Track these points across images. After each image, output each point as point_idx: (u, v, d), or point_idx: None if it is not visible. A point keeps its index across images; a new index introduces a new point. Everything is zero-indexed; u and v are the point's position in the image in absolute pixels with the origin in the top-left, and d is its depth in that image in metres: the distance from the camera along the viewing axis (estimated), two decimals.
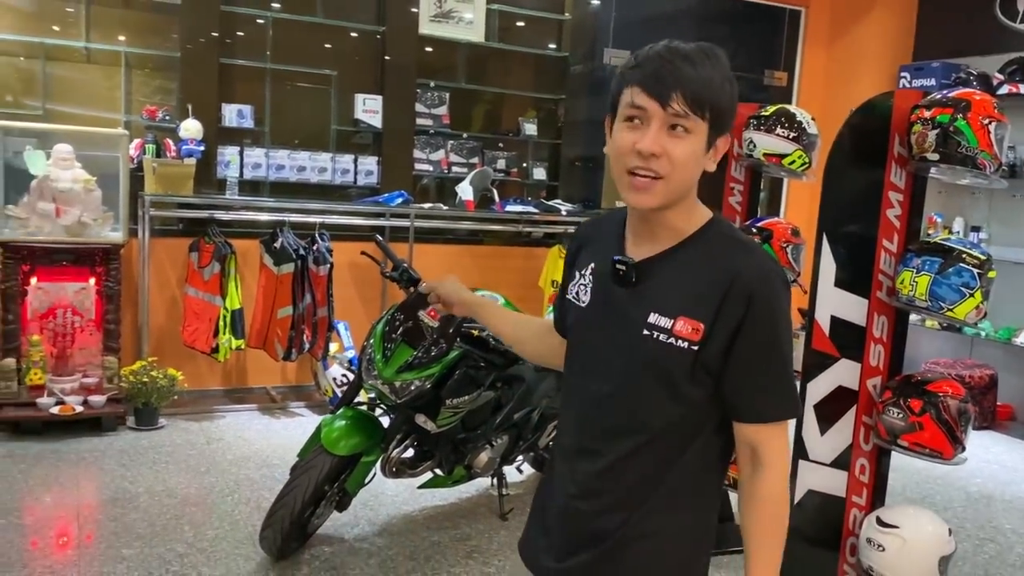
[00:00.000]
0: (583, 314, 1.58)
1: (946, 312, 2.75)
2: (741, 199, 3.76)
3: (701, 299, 1.43)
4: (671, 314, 1.44)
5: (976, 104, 2.74)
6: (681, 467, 1.50)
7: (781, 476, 1.49)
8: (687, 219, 1.49)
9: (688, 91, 1.38)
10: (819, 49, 7.40)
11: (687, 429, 1.49)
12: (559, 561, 1.57)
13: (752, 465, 1.49)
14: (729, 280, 1.41)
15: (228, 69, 5.72)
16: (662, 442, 1.49)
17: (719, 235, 1.49)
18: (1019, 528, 4.33)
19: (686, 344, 1.43)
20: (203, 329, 5.15)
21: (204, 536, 3.59)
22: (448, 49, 6.37)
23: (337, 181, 5.89)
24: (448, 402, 3.38)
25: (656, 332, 1.45)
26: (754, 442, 1.48)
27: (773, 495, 1.49)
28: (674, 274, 1.47)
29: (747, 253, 1.46)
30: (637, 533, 1.50)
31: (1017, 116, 6.22)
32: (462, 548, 3.65)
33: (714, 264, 1.45)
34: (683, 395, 1.46)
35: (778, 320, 1.45)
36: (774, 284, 1.44)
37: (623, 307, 1.50)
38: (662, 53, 1.41)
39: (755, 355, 1.44)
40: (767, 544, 1.50)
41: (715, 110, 1.41)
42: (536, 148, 6.80)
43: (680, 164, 1.40)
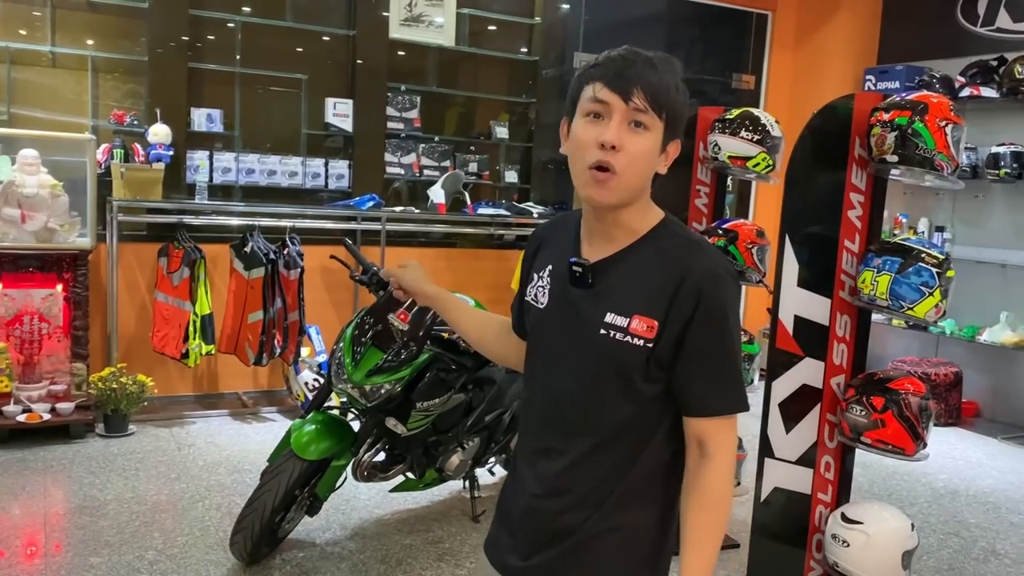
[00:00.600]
0: (542, 315, 1.61)
1: (906, 311, 2.80)
2: (707, 201, 3.81)
3: (654, 297, 1.47)
4: (627, 313, 1.48)
5: (933, 107, 2.79)
6: (641, 465, 1.53)
7: (725, 470, 1.51)
8: (641, 219, 1.53)
9: (648, 89, 1.44)
10: (786, 52, 7.49)
11: (644, 427, 1.53)
12: (524, 559, 1.60)
13: (698, 457, 1.52)
14: (680, 278, 1.46)
15: (197, 73, 5.69)
16: (621, 440, 1.52)
17: (670, 234, 1.54)
18: (983, 522, 4.41)
19: (641, 342, 1.47)
20: (173, 335, 5.11)
21: (174, 543, 3.57)
22: (419, 53, 6.38)
23: (308, 185, 5.88)
24: (419, 405, 3.38)
25: (613, 331, 1.49)
26: (701, 435, 1.51)
27: (715, 487, 1.51)
28: (628, 274, 1.51)
29: (697, 251, 1.50)
30: (599, 530, 1.53)
31: (979, 118, 6.38)
32: (434, 551, 3.66)
33: (665, 263, 1.49)
34: (639, 392, 1.50)
35: (726, 316, 1.48)
36: (722, 281, 1.49)
37: (580, 308, 1.53)
38: (624, 54, 1.47)
39: (703, 350, 1.47)
40: (704, 534, 1.52)
41: (670, 112, 1.47)
42: (508, 151, 6.83)
43: (636, 159, 1.45)
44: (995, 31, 6.48)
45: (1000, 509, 4.61)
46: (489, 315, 1.96)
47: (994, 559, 3.97)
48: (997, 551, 4.06)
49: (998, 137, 6.18)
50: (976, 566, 3.89)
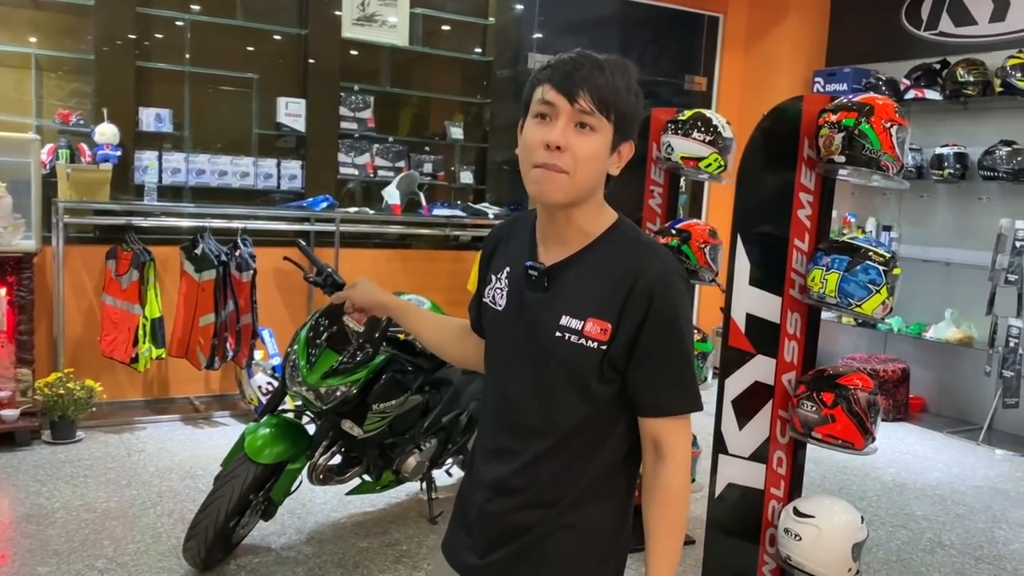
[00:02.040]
0: (499, 317, 1.62)
1: (854, 308, 2.86)
2: (661, 201, 3.84)
3: (607, 300, 1.49)
4: (581, 315, 1.50)
5: (879, 109, 2.85)
6: (596, 464, 1.55)
7: (682, 468, 1.54)
8: (594, 220, 1.54)
9: (595, 92, 1.45)
10: (737, 54, 7.60)
11: (598, 428, 1.54)
12: (480, 557, 1.61)
13: (654, 458, 1.54)
14: (632, 280, 1.48)
15: (145, 72, 5.59)
16: (575, 441, 1.54)
17: (623, 237, 1.55)
18: (930, 514, 4.52)
19: (595, 344, 1.49)
20: (122, 339, 5.01)
21: (125, 550, 3.50)
22: (372, 52, 6.34)
23: (260, 186, 5.81)
24: (375, 407, 3.36)
25: (568, 334, 1.50)
26: (656, 435, 1.53)
27: (673, 486, 1.53)
28: (583, 276, 1.52)
29: (648, 253, 1.52)
30: (554, 527, 1.55)
31: (923, 120, 6.54)
32: (391, 553, 3.64)
33: (618, 265, 1.50)
34: (593, 394, 1.51)
35: (677, 317, 1.50)
36: (673, 283, 1.51)
37: (536, 310, 1.55)
38: (574, 57, 1.48)
39: (656, 351, 1.49)
40: (665, 533, 1.54)
41: (619, 114, 1.48)
42: (463, 152, 6.82)
43: (584, 160, 1.46)
44: (938, 35, 6.65)
45: (946, 501, 4.73)
46: (447, 319, 1.96)
47: (940, 550, 4.08)
48: (943, 542, 4.17)
49: (942, 138, 6.35)
50: (923, 557, 3.99)
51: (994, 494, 4.89)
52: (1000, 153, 5.92)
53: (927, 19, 6.72)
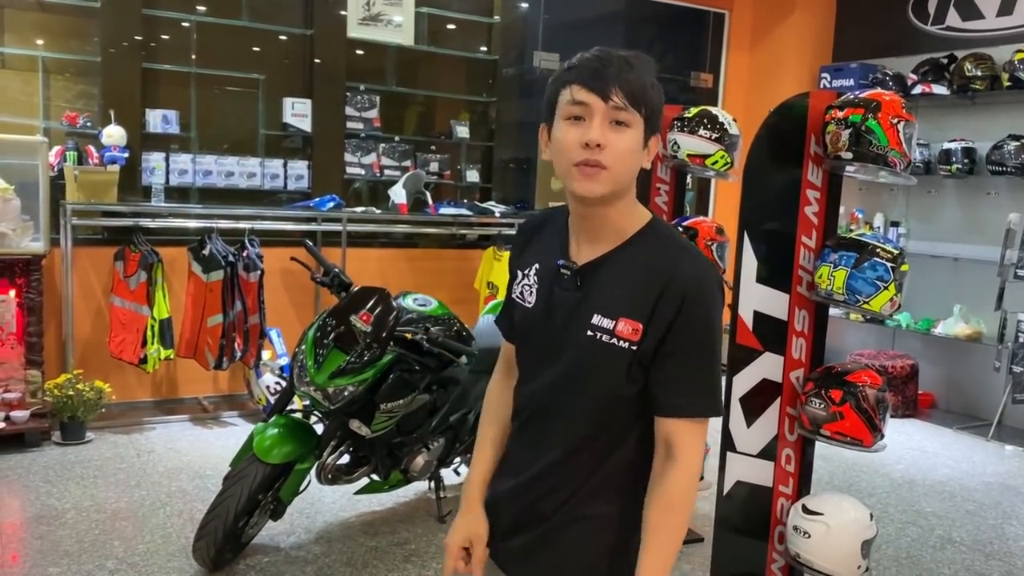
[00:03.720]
0: (529, 314, 1.63)
1: (862, 305, 2.85)
2: (667, 199, 3.84)
3: (639, 300, 1.49)
4: (613, 315, 1.51)
5: (886, 104, 2.84)
6: (616, 459, 1.57)
7: (689, 473, 1.52)
8: (628, 218, 1.55)
9: (626, 88, 1.45)
10: (742, 51, 7.58)
11: (621, 425, 1.56)
12: (503, 541, 1.68)
13: (664, 458, 1.53)
14: (664, 282, 1.48)
15: (151, 74, 5.60)
16: (598, 436, 1.56)
17: (657, 236, 1.55)
18: (939, 511, 4.50)
19: (626, 344, 1.50)
20: (130, 339, 5.03)
21: (135, 551, 3.52)
22: (378, 52, 6.35)
23: (267, 186, 5.82)
24: (382, 406, 3.37)
25: (599, 333, 1.51)
26: (669, 435, 1.52)
27: (677, 489, 1.52)
28: (615, 276, 1.53)
29: (684, 256, 1.52)
30: (571, 517, 1.59)
31: (930, 115, 6.51)
32: (400, 552, 3.64)
33: (651, 266, 1.50)
34: (620, 392, 1.53)
35: (707, 322, 1.50)
36: (706, 287, 1.50)
37: (568, 309, 1.56)
38: (598, 54, 1.49)
39: (681, 353, 1.50)
40: (662, 534, 1.52)
41: (649, 108, 1.49)
42: (469, 150, 6.82)
43: (622, 155, 1.46)
44: (945, 29, 6.62)
45: (956, 498, 4.71)
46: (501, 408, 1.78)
47: (950, 546, 4.06)
48: (953, 538, 4.16)
49: (949, 133, 6.32)
50: (933, 554, 3.97)
51: (1004, 490, 4.87)
52: (1008, 147, 5.89)
53: (934, 13, 6.69)
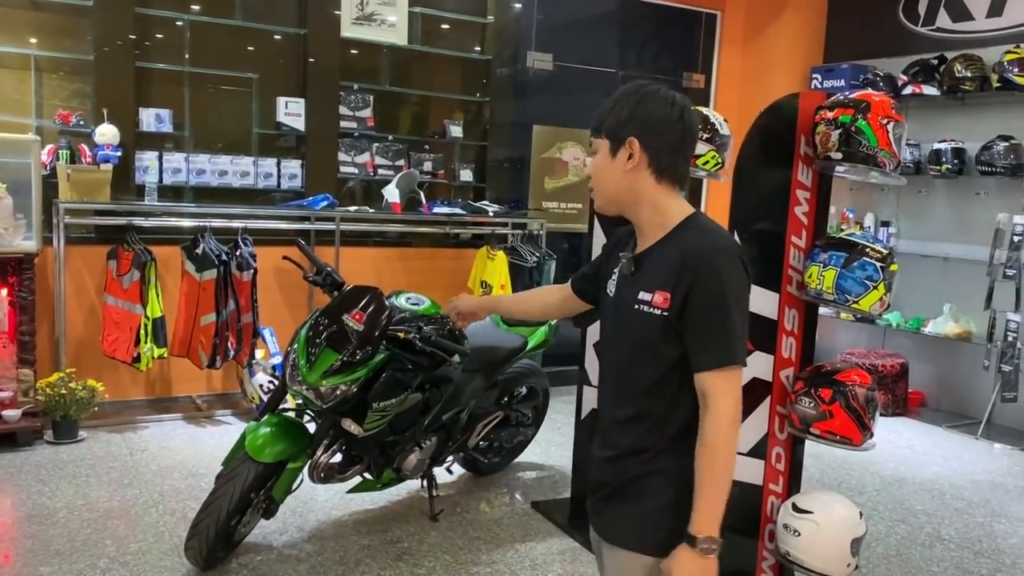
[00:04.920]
0: (608, 302, 1.98)
1: (852, 304, 2.87)
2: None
3: (668, 275, 1.80)
4: (651, 289, 1.82)
5: (875, 105, 2.86)
6: (676, 419, 1.82)
7: (725, 419, 1.75)
8: (662, 216, 1.87)
9: (591, 127, 1.92)
10: (735, 51, 7.61)
11: (672, 386, 1.82)
12: (592, 498, 1.98)
13: (703, 410, 1.77)
14: (684, 257, 1.78)
15: (145, 72, 5.60)
16: (656, 399, 1.83)
17: (692, 227, 1.85)
18: (929, 509, 4.53)
19: (659, 312, 1.80)
20: (123, 338, 5.03)
21: (127, 550, 3.52)
22: (371, 51, 6.35)
23: (260, 185, 5.82)
24: (375, 405, 3.38)
25: (642, 305, 1.83)
26: (703, 388, 1.77)
27: (713, 434, 1.75)
28: (656, 260, 1.85)
29: (704, 236, 1.82)
30: (641, 472, 1.85)
31: (921, 115, 6.55)
32: (393, 551, 3.66)
33: (678, 247, 1.81)
34: (664, 355, 1.81)
35: (718, 286, 1.75)
36: (714, 257, 1.77)
37: (627, 291, 1.89)
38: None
39: (700, 314, 1.76)
40: (705, 480, 1.75)
41: (606, 128, 1.87)
42: (462, 150, 6.83)
43: (594, 175, 1.92)
44: (935, 30, 6.65)
45: (945, 496, 4.74)
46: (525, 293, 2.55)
47: (939, 544, 4.09)
48: (942, 536, 4.19)
49: (939, 134, 6.36)
50: (922, 551, 4.00)
51: (993, 488, 4.91)
52: (998, 148, 5.93)
53: (924, 15, 6.73)
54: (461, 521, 4.00)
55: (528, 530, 3.96)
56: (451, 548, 3.71)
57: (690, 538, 1.74)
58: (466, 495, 4.34)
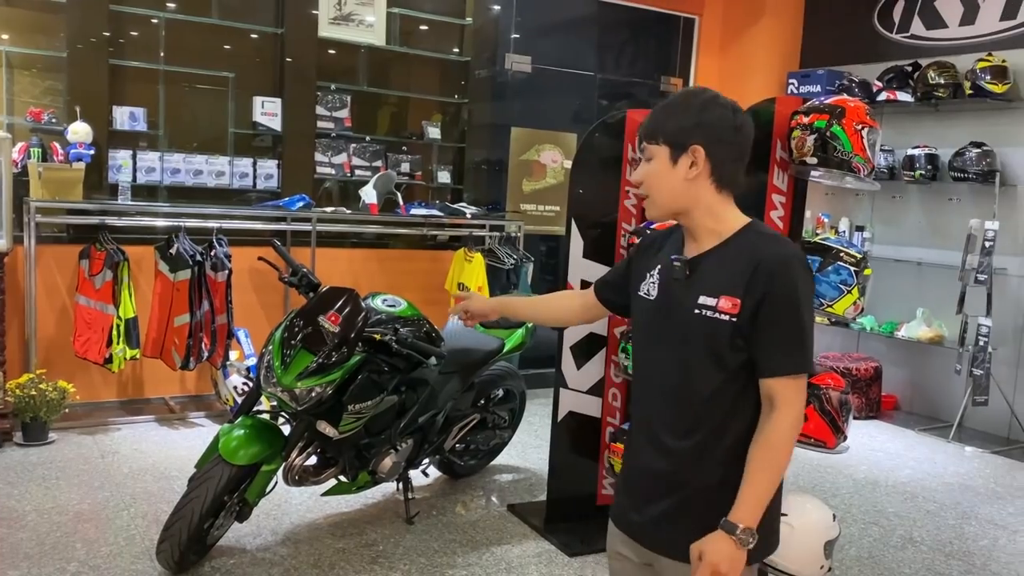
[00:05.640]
0: (651, 305, 1.93)
1: (826, 308, 2.90)
2: (636, 202, 3.86)
3: (735, 280, 1.78)
4: (715, 294, 1.79)
5: (850, 111, 2.90)
6: (736, 430, 1.80)
7: (789, 420, 1.76)
8: (720, 222, 1.85)
9: (644, 132, 1.87)
10: (712, 56, 7.65)
11: (733, 393, 1.80)
12: (640, 513, 1.90)
13: (768, 411, 1.78)
14: (755, 263, 1.77)
15: (119, 70, 5.54)
16: (716, 406, 1.80)
17: (752, 233, 1.85)
18: (901, 511, 4.58)
19: (727, 317, 1.77)
20: (95, 339, 4.97)
21: (97, 553, 3.48)
22: (349, 52, 6.33)
23: (236, 185, 5.78)
24: (350, 408, 3.36)
25: (704, 310, 1.80)
26: (771, 392, 1.77)
27: (777, 431, 1.75)
28: (716, 265, 1.83)
29: (772, 243, 1.82)
30: (707, 483, 1.81)
31: (895, 121, 6.62)
32: (368, 554, 3.64)
33: (745, 253, 1.80)
34: (726, 361, 1.79)
35: (793, 293, 1.76)
36: (790, 265, 1.78)
37: (679, 294, 1.85)
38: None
39: (773, 321, 1.75)
40: (758, 470, 1.75)
41: (665, 136, 1.83)
42: (440, 151, 6.82)
43: (650, 182, 1.87)
44: (910, 37, 6.73)
45: (917, 498, 4.79)
46: (540, 297, 2.45)
47: (911, 546, 4.13)
48: (914, 538, 4.23)
49: (913, 140, 6.43)
50: (894, 553, 4.04)
51: (964, 491, 4.97)
52: (970, 154, 6.01)
53: (899, 22, 6.81)
54: (437, 524, 3.99)
55: (504, 533, 3.95)
56: (426, 551, 3.70)
57: (730, 525, 1.73)
58: (442, 498, 4.33)
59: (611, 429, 3.92)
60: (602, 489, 4.06)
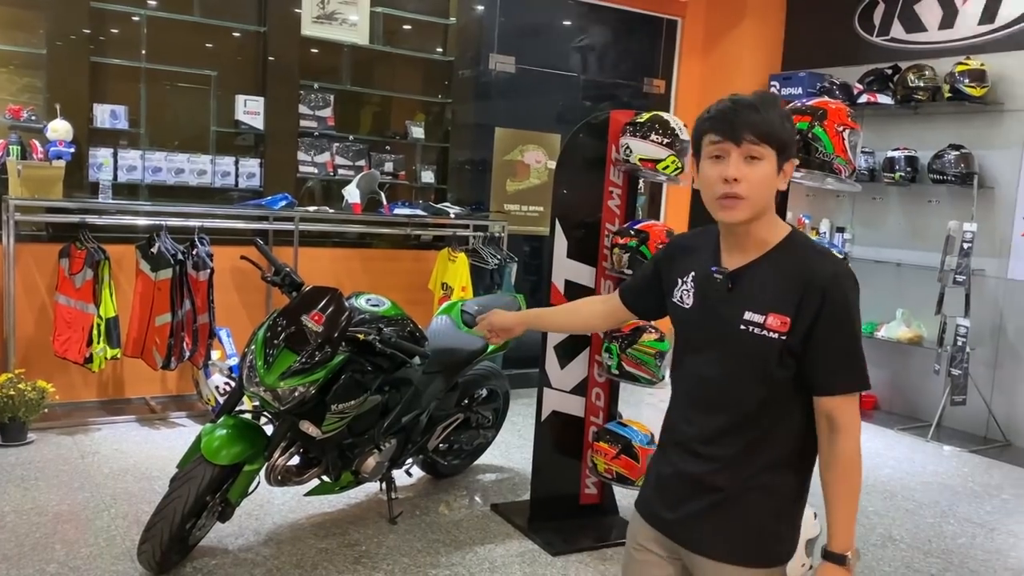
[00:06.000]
0: (687, 314, 1.92)
1: None
2: (619, 202, 3.88)
3: (785, 297, 1.76)
4: (763, 311, 1.78)
5: (832, 112, 2.92)
6: (779, 437, 1.81)
7: (854, 438, 1.78)
8: (770, 231, 1.83)
9: (754, 130, 1.76)
10: (695, 58, 7.69)
11: (777, 406, 1.80)
12: (672, 511, 1.90)
13: (828, 431, 1.78)
14: (807, 280, 1.75)
15: (100, 68, 5.50)
16: (760, 416, 1.80)
17: (797, 245, 1.83)
18: (880, 510, 4.62)
19: (776, 335, 1.76)
20: (75, 338, 4.93)
21: (77, 554, 3.45)
22: (332, 51, 6.31)
23: (217, 184, 5.75)
24: (334, 407, 3.35)
25: (751, 327, 1.78)
26: (831, 411, 1.77)
27: (847, 454, 1.77)
28: (763, 278, 1.81)
29: (820, 258, 1.80)
30: (747, 488, 1.82)
31: (875, 123, 6.68)
32: (351, 554, 3.63)
33: (794, 268, 1.78)
34: (771, 377, 1.78)
35: (847, 309, 1.76)
36: (843, 282, 1.77)
37: (721, 307, 1.83)
38: (730, 104, 1.80)
39: (829, 340, 1.75)
40: (844, 497, 1.78)
41: (778, 142, 1.78)
42: (424, 151, 6.81)
43: (757, 185, 1.77)
44: (890, 41, 6.79)
45: (896, 497, 4.84)
46: (570, 305, 2.42)
47: (891, 544, 4.17)
48: (893, 536, 4.27)
49: (893, 142, 6.49)
50: (874, 551, 4.08)
51: (943, 489, 5.02)
52: (949, 157, 6.07)
53: (879, 25, 6.87)
54: (420, 524, 3.99)
55: (487, 532, 3.96)
56: (410, 551, 3.69)
57: (838, 557, 1.78)
58: (425, 497, 4.32)
59: (594, 428, 3.93)
60: (585, 488, 4.07)
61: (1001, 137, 6.05)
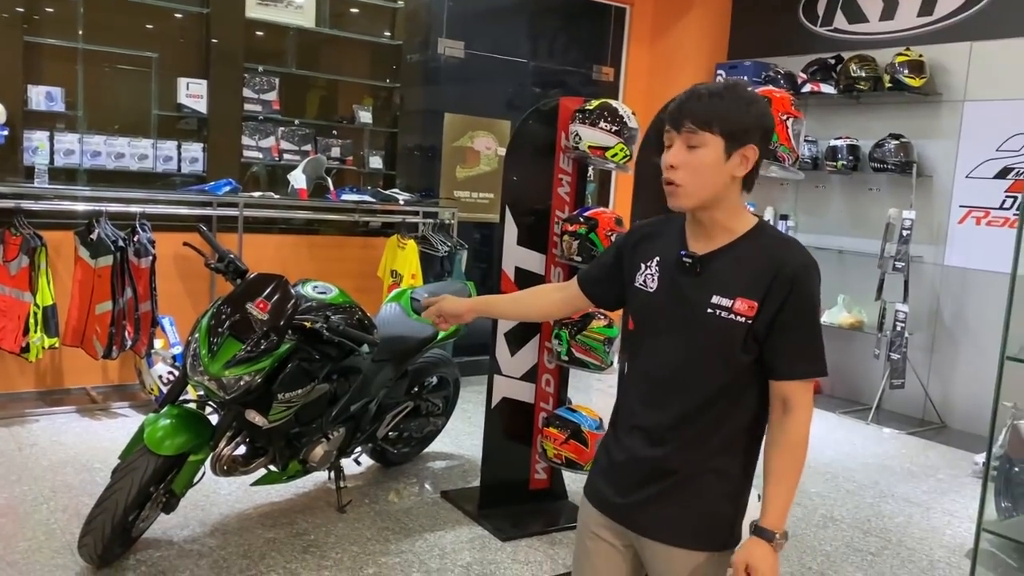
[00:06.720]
0: (650, 298, 1.92)
1: None
2: (569, 189, 3.89)
3: (754, 283, 1.79)
4: (731, 295, 1.80)
5: (776, 101, 2.96)
6: (736, 420, 1.85)
7: (805, 422, 1.83)
8: (735, 220, 1.85)
9: (693, 117, 1.77)
10: (643, 46, 7.73)
11: (737, 389, 1.84)
12: (624, 496, 1.92)
13: (782, 412, 1.83)
14: (777, 267, 1.79)
15: (34, 48, 5.32)
16: (718, 400, 1.83)
17: (766, 235, 1.86)
18: (822, 491, 4.73)
19: (743, 319, 1.79)
20: (11, 327, 4.79)
21: (15, 549, 3.36)
22: (278, 33, 6.20)
23: (159, 169, 5.62)
24: (280, 396, 3.31)
25: (718, 310, 1.80)
26: (787, 395, 1.82)
27: (796, 433, 1.82)
28: (731, 264, 1.83)
29: (790, 247, 1.84)
30: (699, 470, 1.85)
31: (818, 113, 6.80)
32: (299, 543, 3.60)
33: (764, 255, 1.81)
34: (735, 361, 1.81)
35: (812, 300, 1.81)
36: (811, 273, 1.82)
37: (688, 291, 1.85)
38: (683, 95, 1.83)
39: (792, 326, 1.79)
40: (785, 475, 1.83)
41: (725, 127, 1.77)
42: (372, 136, 6.74)
43: (694, 171, 1.78)
44: (833, 31, 6.91)
45: (837, 479, 4.96)
46: (522, 292, 2.39)
47: (832, 524, 4.28)
48: (834, 517, 4.38)
49: (836, 131, 6.62)
50: (816, 532, 4.18)
51: (882, 471, 5.16)
52: (889, 146, 6.21)
53: (823, 15, 6.99)
54: (369, 512, 3.97)
55: (437, 519, 3.96)
56: (359, 539, 3.68)
57: (767, 533, 1.81)
58: (375, 486, 4.31)
59: (544, 415, 3.95)
60: (535, 474, 4.09)
61: (939, 127, 6.20)
